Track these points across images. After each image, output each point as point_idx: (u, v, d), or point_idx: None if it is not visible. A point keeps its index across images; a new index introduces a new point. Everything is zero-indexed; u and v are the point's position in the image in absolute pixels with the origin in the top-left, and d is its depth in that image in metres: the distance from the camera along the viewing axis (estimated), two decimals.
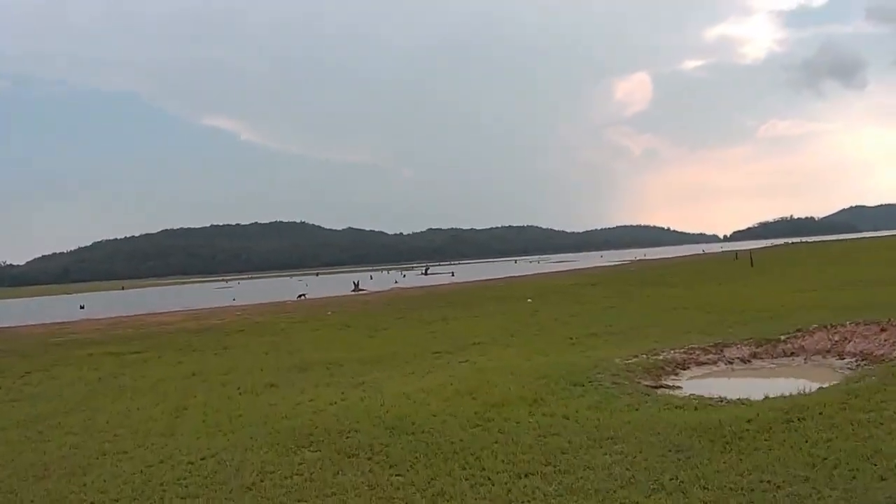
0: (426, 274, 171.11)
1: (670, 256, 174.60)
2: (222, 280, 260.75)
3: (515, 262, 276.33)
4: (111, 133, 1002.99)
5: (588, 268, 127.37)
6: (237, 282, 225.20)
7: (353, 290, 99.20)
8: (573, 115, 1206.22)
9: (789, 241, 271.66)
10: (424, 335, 29.58)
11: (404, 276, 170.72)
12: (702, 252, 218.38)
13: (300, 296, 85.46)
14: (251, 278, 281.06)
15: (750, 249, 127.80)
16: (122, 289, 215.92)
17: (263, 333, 35.59)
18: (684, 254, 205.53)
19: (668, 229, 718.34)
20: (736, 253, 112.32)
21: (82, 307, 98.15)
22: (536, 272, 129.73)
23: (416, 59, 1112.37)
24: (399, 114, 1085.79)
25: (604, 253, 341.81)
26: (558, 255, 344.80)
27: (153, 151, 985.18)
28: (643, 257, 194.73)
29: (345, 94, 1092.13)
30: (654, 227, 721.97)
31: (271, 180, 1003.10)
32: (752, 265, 74.24)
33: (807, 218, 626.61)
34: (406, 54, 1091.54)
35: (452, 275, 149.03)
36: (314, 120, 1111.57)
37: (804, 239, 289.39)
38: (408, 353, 23.97)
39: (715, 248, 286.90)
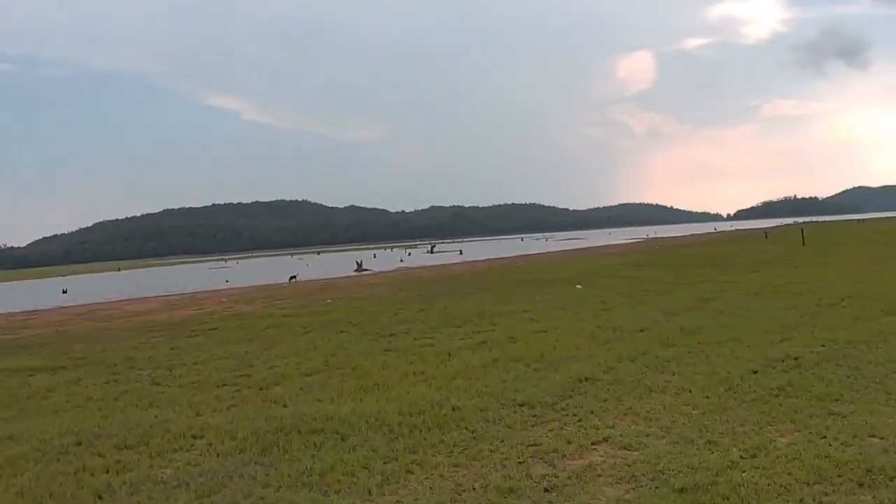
0: (432, 252, 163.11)
1: (683, 234, 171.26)
2: (221, 260, 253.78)
3: (522, 239, 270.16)
4: (114, 113, 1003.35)
5: (609, 245, 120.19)
6: (236, 261, 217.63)
7: (356, 271, 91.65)
8: (576, 93, 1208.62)
9: (803, 219, 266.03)
10: (476, 352, 18.26)
11: (409, 254, 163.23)
12: (714, 230, 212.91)
13: (291, 278, 76.70)
14: (251, 257, 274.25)
15: (785, 226, 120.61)
16: (119, 270, 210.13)
17: (236, 336, 25.67)
18: (697, 232, 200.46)
19: (672, 208, 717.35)
20: (766, 232, 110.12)
21: (65, 291, 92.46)
22: (550, 250, 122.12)
23: (419, 38, 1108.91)
24: (401, 93, 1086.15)
25: (612, 230, 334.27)
26: (564, 233, 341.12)
27: (156, 131, 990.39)
28: (654, 235, 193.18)
29: (347, 73, 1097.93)
30: (658, 206, 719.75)
31: (274, 159, 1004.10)
32: (803, 244, 65.25)
33: (810, 198, 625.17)
34: (408, 33, 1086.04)
35: (461, 253, 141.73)
36: (317, 99, 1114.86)
37: (816, 218, 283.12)
38: (468, 404, 12.57)
39: (725, 226, 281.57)
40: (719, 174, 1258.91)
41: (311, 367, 17.76)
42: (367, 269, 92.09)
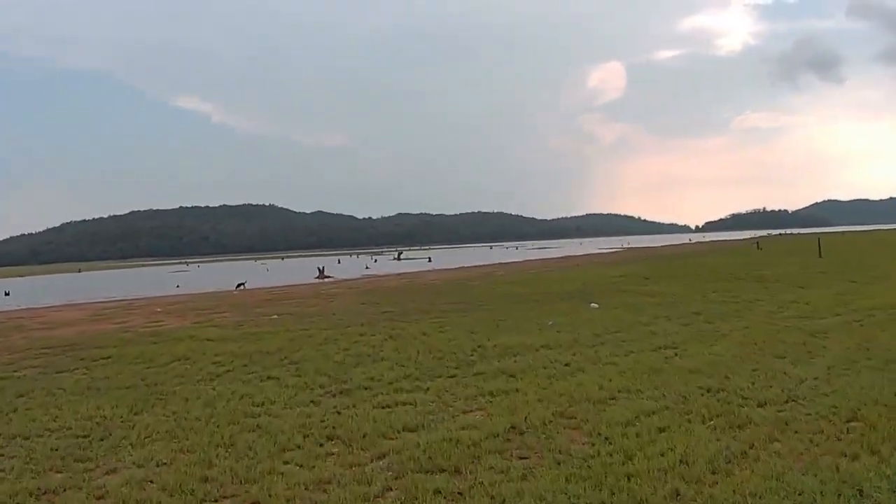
0: (399, 259, 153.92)
1: (661, 245, 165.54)
2: (184, 263, 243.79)
3: (491, 248, 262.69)
4: (81, 113, 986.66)
5: (591, 255, 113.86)
6: (197, 265, 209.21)
7: (318, 278, 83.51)
8: (545, 102, 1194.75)
9: (777, 231, 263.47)
10: (512, 466, 8.97)
11: (375, 260, 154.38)
12: (689, 241, 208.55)
13: (239, 286, 68.96)
14: (215, 261, 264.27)
15: (770, 237, 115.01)
16: (79, 271, 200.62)
17: (122, 376, 17.33)
18: (674, 242, 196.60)
19: (640, 219, 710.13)
20: (757, 242, 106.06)
21: (7, 294, 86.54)
22: (528, 259, 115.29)
23: (388, 43, 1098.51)
24: (370, 98, 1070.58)
25: (582, 241, 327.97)
26: (534, 242, 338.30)
27: (124, 132, 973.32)
28: (628, 245, 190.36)
29: (317, 78, 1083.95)
30: (625, 216, 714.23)
31: (241, 163, 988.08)
32: (820, 255, 58.00)
33: (780, 210, 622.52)
34: (378, 38, 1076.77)
35: (429, 260, 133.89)
36: (286, 103, 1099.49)
37: (792, 231, 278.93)
38: None
39: (697, 237, 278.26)
40: (688, 186, 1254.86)
41: (176, 479, 9.16)
42: (329, 277, 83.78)
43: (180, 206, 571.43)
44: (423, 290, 44.03)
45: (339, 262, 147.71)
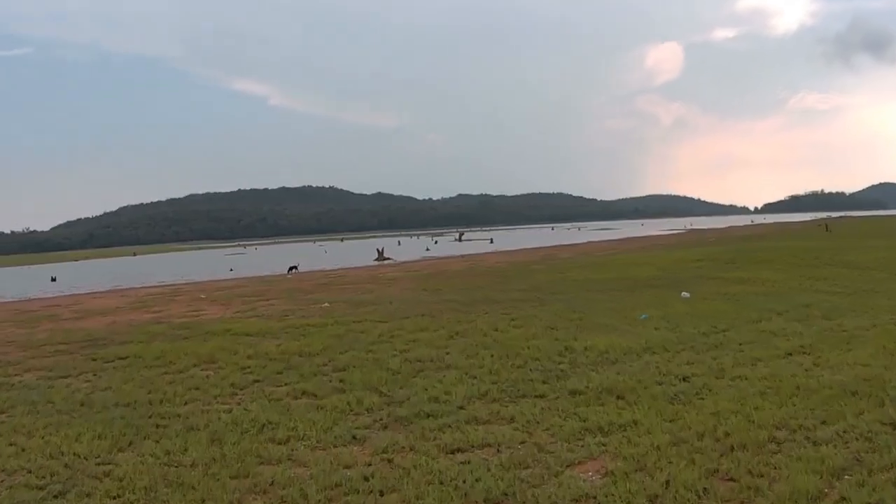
0: (460, 240, 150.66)
1: (725, 227, 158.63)
2: (241, 245, 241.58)
3: (552, 228, 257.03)
4: (140, 98, 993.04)
5: (658, 236, 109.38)
6: (255, 247, 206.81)
7: (377, 260, 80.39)
8: (603, 83, 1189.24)
9: (837, 214, 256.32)
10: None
11: (436, 242, 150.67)
12: (751, 223, 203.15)
13: (291, 269, 65.51)
14: (273, 243, 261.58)
15: (834, 220, 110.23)
16: (134, 255, 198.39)
17: (131, 383, 14.33)
18: (737, 224, 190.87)
19: (699, 199, 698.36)
20: (826, 225, 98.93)
21: (54, 279, 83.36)
22: (591, 240, 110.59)
23: (449, 23, 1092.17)
24: (429, 78, 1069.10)
25: (644, 221, 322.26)
26: (595, 223, 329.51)
27: (182, 116, 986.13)
28: (691, 226, 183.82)
29: (375, 60, 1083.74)
30: (685, 197, 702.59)
31: (300, 145, 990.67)
32: None
33: (837, 193, 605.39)
34: (438, 19, 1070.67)
35: (491, 241, 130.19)
36: (344, 84, 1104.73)
37: (851, 213, 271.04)
38: None
39: (759, 219, 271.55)
40: (745, 166, 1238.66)
41: None
42: (388, 259, 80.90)
43: (238, 189, 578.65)
44: (487, 275, 40.48)
45: (399, 243, 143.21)
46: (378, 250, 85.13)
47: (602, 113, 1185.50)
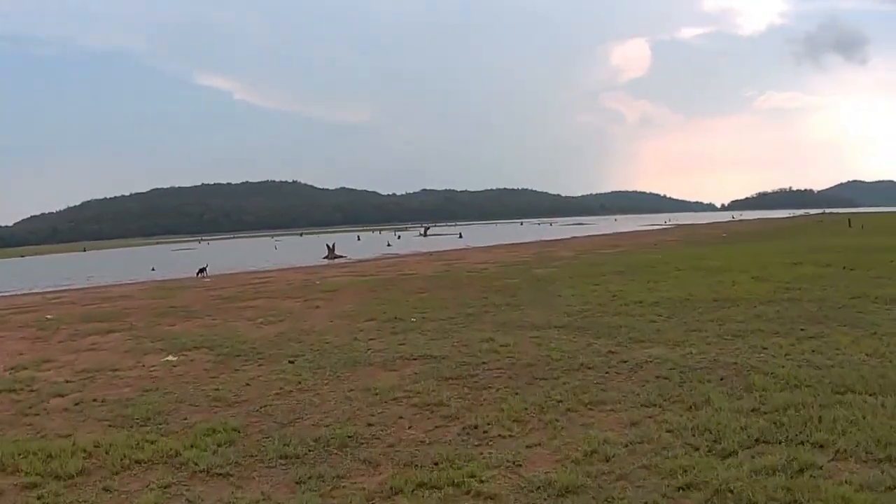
0: (426, 235, 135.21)
1: (709, 223, 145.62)
2: (197, 240, 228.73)
3: (521, 223, 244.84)
4: (104, 92, 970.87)
5: (645, 232, 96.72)
6: (208, 243, 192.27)
7: (327, 257, 67.06)
8: (568, 79, 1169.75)
9: (831, 210, 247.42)
10: None
11: (399, 237, 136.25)
12: (732, 219, 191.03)
13: (200, 271, 50.91)
14: (230, 238, 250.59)
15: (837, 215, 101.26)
16: (84, 250, 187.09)
17: None
18: (721, 220, 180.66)
19: (664, 196, 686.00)
20: (849, 219, 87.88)
21: None
22: (574, 235, 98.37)
23: (413, 19, 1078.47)
24: (393, 75, 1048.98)
25: (617, 217, 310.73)
26: (567, 218, 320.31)
27: (146, 111, 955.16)
28: (672, 222, 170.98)
29: (340, 54, 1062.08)
30: (651, 194, 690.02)
31: (264, 140, 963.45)
32: None
33: (805, 190, 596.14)
34: (402, 14, 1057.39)
35: (460, 236, 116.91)
36: (309, 79, 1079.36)
37: (841, 211, 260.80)
38: None
39: (726, 216, 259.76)
40: (712, 164, 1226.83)
41: None
42: (340, 256, 67.24)
43: (202, 184, 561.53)
44: (476, 285, 27.09)
45: (358, 238, 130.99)
46: (328, 246, 70.87)
47: (568, 109, 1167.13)
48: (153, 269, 65.97)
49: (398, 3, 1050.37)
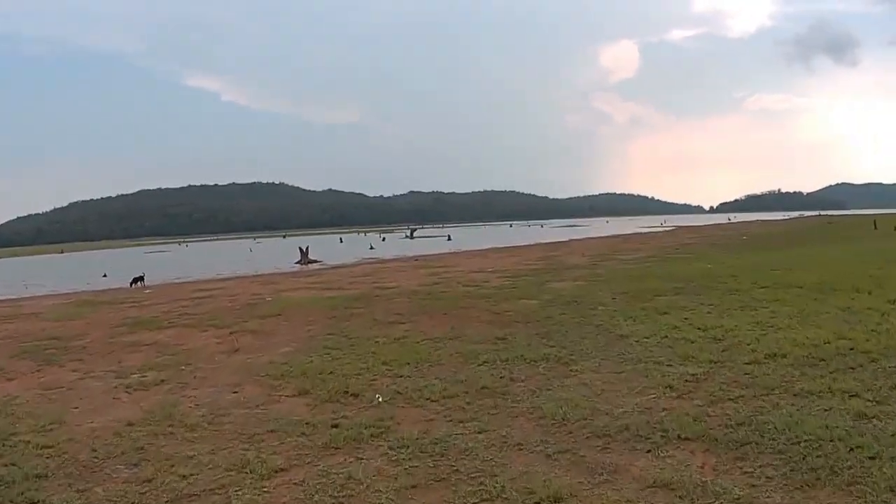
0: (412, 237, 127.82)
1: (703, 224, 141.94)
2: (176, 243, 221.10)
3: (511, 225, 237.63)
4: (91, 93, 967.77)
5: (648, 234, 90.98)
6: (186, 245, 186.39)
7: (300, 262, 60.36)
8: (557, 80, 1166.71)
9: (829, 212, 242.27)
10: None
11: (383, 239, 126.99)
12: (728, 220, 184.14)
13: (135, 280, 42.84)
14: (211, 240, 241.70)
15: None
16: (62, 252, 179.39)
17: None
18: (719, 222, 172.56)
19: (652, 198, 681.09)
20: (874, 221, 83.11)
21: None
22: (572, 238, 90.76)
23: (402, 19, 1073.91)
24: (381, 77, 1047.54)
25: (609, 219, 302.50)
26: (557, 220, 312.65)
27: (134, 111, 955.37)
28: (669, 224, 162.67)
29: (329, 54, 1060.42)
30: (638, 196, 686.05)
31: (252, 141, 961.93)
32: None
33: (795, 192, 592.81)
34: (391, 14, 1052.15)
35: (449, 239, 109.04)
36: (297, 80, 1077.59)
37: (836, 212, 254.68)
38: None
39: (733, 217, 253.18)
40: (699, 166, 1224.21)
41: None
42: (314, 261, 59.84)
43: (189, 185, 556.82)
44: (473, 307, 19.06)
45: (340, 240, 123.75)
46: (301, 250, 63.31)
47: (556, 110, 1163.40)
48: (104, 276, 58.13)
49: (387, 3, 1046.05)
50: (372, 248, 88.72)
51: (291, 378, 11.36)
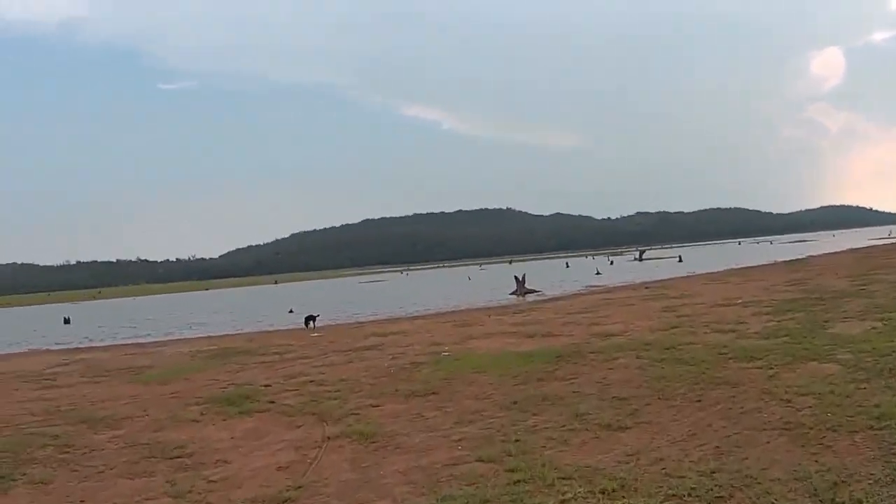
0: (641, 260, 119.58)
1: None
2: (398, 271, 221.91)
3: (739, 243, 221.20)
4: (311, 126, 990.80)
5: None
6: (407, 273, 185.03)
7: (515, 293, 52.99)
8: (768, 92, 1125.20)
9: None
10: None
11: (611, 262, 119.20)
12: None
13: (309, 320, 38.39)
14: (434, 268, 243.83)
15: None
16: (276, 283, 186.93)
17: None
18: None
19: (871, 209, 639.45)
20: None
21: (67, 321, 68.06)
22: (808, 254, 77.27)
23: (610, 36, 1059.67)
24: (600, 99, 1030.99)
25: (834, 233, 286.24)
26: (780, 237, 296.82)
27: (355, 143, 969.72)
28: (892, 234, 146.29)
29: (540, 77, 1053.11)
30: (858, 207, 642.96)
31: (475, 168, 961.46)
32: None
33: None
34: (602, 30, 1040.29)
35: (680, 260, 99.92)
36: (514, 108, 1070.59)
37: None
38: None
39: None
40: None
41: None
42: (533, 290, 52.71)
43: (414, 213, 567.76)
44: (740, 384, 12.25)
45: (567, 265, 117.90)
46: (517, 279, 55.70)
47: (770, 122, 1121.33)
48: (290, 311, 53.79)
49: (592, 22, 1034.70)
50: (598, 273, 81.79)
51: None
